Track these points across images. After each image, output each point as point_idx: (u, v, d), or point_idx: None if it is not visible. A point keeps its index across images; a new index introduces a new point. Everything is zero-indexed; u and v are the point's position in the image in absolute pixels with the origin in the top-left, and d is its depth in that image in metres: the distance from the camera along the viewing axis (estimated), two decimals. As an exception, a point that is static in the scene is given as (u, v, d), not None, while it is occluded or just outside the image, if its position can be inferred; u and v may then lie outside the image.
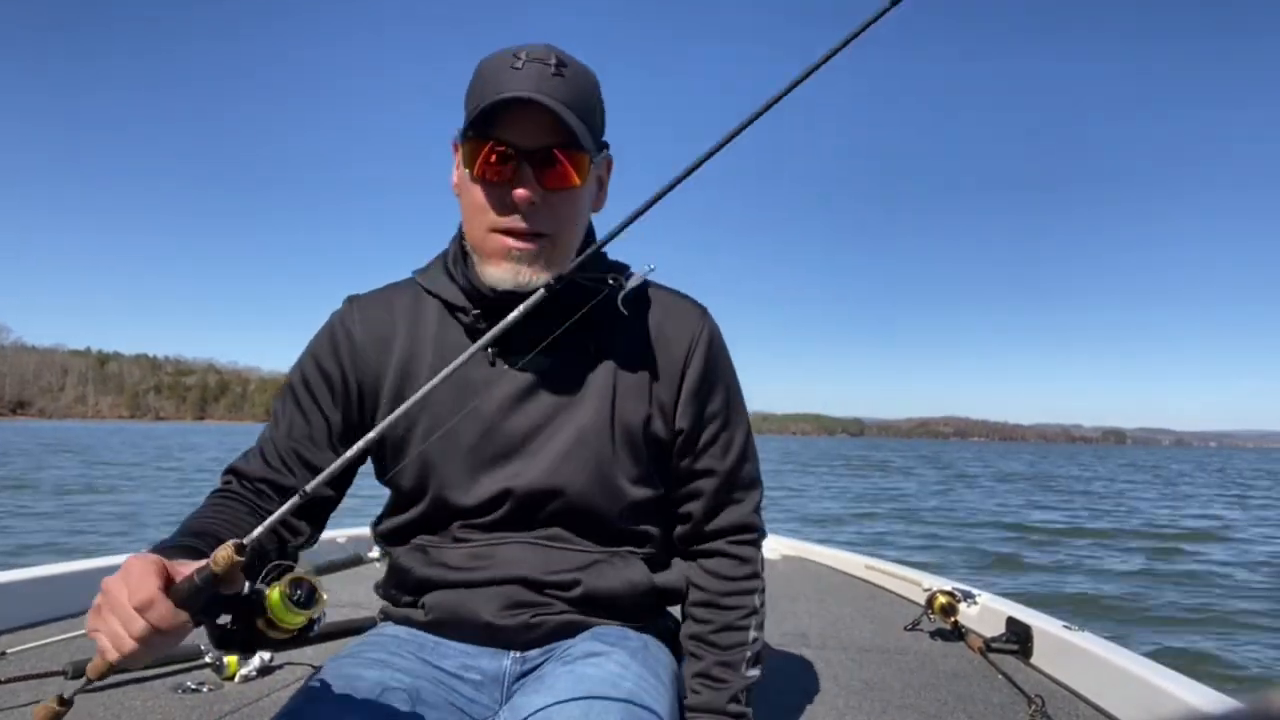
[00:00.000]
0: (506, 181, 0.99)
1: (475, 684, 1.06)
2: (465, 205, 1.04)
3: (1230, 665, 5.27)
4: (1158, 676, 1.61)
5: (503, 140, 0.97)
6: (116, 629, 0.73)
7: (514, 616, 1.06)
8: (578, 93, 0.99)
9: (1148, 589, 7.69)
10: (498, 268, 1.02)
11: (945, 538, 11.17)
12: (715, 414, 1.14)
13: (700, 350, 1.12)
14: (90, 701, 1.62)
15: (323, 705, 0.91)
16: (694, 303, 1.17)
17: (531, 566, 1.07)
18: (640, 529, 1.14)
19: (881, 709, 1.69)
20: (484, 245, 1.02)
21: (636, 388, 1.09)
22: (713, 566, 1.16)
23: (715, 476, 1.14)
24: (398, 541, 1.14)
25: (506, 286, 1.02)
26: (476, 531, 1.09)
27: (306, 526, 1.08)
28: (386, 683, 0.96)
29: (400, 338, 1.10)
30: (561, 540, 1.09)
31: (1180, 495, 22.31)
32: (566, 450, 1.07)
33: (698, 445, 1.13)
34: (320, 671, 0.99)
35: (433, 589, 1.09)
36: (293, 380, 1.11)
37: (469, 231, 1.05)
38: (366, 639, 1.09)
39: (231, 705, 1.64)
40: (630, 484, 1.10)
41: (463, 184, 1.04)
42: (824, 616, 2.56)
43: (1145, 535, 12.11)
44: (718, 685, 1.11)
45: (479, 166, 0.99)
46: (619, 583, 1.09)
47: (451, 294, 1.09)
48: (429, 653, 1.06)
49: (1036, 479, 29.15)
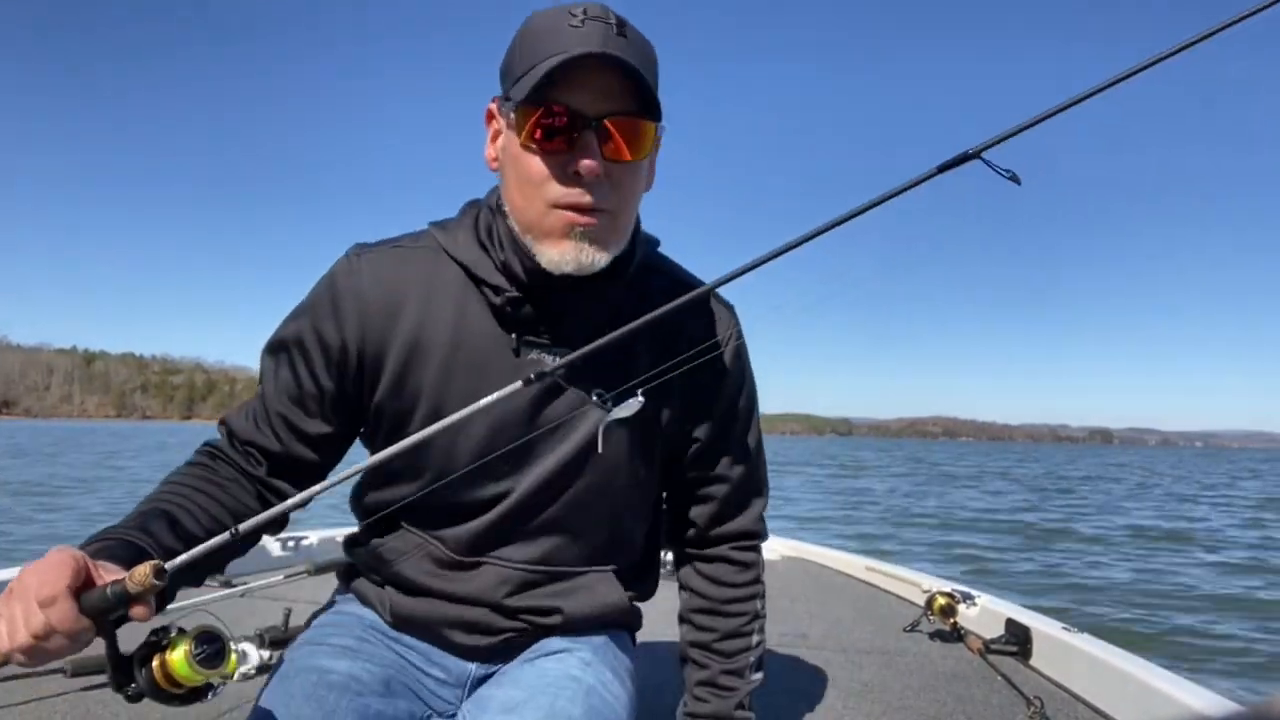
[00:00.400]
0: (567, 151, 0.88)
1: (439, 679, 1.05)
2: (514, 179, 0.92)
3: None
4: (1157, 678, 1.62)
5: (565, 104, 0.86)
6: (15, 618, 0.68)
7: (482, 639, 1.04)
8: (642, 54, 0.89)
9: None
10: (558, 247, 0.90)
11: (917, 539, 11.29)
12: (734, 421, 1.10)
13: (729, 357, 1.07)
14: (86, 700, 1.60)
15: (297, 702, 0.89)
16: (725, 304, 1.10)
17: (508, 592, 1.03)
18: (628, 538, 1.12)
19: (881, 710, 1.70)
20: (541, 223, 0.91)
21: (663, 392, 0.98)
22: (715, 572, 1.14)
23: (727, 483, 1.11)
24: (377, 522, 1.05)
25: (569, 268, 0.91)
26: (466, 531, 1.02)
27: (292, 490, 0.99)
28: (357, 674, 0.94)
29: (412, 303, 0.97)
30: (546, 559, 1.04)
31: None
32: (576, 456, 1.00)
33: (714, 451, 1.10)
34: (289, 662, 0.96)
35: (401, 587, 1.05)
36: (286, 336, 1.00)
37: (520, 208, 0.93)
38: (331, 619, 1.06)
39: (230, 703, 1.64)
40: (631, 489, 1.07)
41: (510, 155, 0.92)
42: (823, 617, 2.56)
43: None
44: (724, 693, 1.11)
45: (539, 134, 0.87)
46: (594, 607, 1.07)
47: (483, 266, 0.97)
48: (394, 640, 1.05)
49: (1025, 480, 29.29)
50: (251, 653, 1.78)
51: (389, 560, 1.04)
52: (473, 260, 0.97)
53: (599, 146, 0.87)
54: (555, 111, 0.86)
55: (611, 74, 0.86)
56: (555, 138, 0.87)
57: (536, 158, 0.89)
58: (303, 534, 3.17)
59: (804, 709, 1.70)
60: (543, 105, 0.86)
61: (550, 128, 0.87)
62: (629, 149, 0.89)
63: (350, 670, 0.94)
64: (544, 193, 0.89)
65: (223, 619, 2.26)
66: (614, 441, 1.00)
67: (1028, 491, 22.05)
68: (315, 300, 0.99)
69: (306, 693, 0.90)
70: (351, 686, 0.92)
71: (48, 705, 1.57)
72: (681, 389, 1.01)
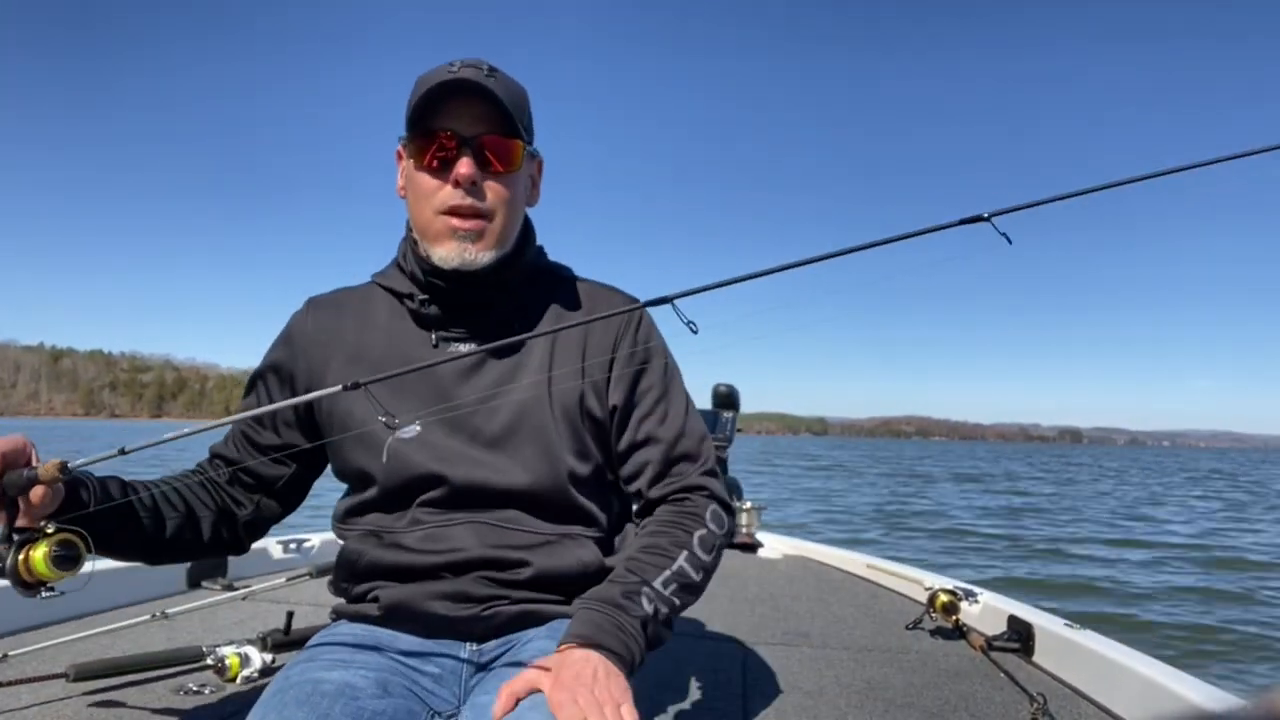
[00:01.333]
0: (449, 165, 1.08)
1: (435, 677, 1.05)
2: (413, 198, 1.13)
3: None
4: (1160, 675, 1.64)
5: (446, 128, 1.08)
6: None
7: (467, 609, 1.07)
8: (509, 91, 1.09)
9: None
10: (444, 247, 1.09)
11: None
12: (650, 387, 1.18)
13: (629, 330, 1.18)
14: (91, 703, 1.58)
15: (290, 708, 0.90)
16: (624, 293, 1.24)
17: (483, 546, 1.08)
18: (587, 509, 1.15)
19: (884, 708, 1.71)
20: (430, 228, 1.10)
21: (571, 365, 1.15)
22: (653, 515, 1.15)
23: (659, 445, 1.16)
24: (353, 529, 1.16)
25: (454, 264, 1.09)
26: (428, 512, 1.11)
27: (248, 500, 1.20)
28: (352, 681, 0.96)
29: (350, 328, 1.18)
30: (512, 521, 1.10)
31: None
32: (510, 425, 1.11)
33: (635, 418, 1.17)
34: (284, 677, 0.98)
35: (385, 575, 1.11)
36: (256, 371, 1.24)
37: (417, 221, 1.13)
38: (322, 641, 1.09)
39: (234, 707, 1.62)
40: (572, 458, 1.12)
41: (410, 180, 1.13)
42: (825, 616, 2.58)
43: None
44: (614, 580, 1.04)
45: (426, 155, 1.09)
46: (571, 562, 1.10)
47: (400, 283, 1.17)
48: (386, 645, 1.07)
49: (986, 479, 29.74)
50: (254, 656, 1.76)
51: (370, 554, 1.12)
52: (393, 282, 1.18)
53: (474, 160, 1.07)
54: (437, 133, 1.08)
55: (480, 103, 1.06)
56: (438, 155, 1.08)
57: (425, 175, 1.10)
58: (305, 536, 3.15)
59: (807, 706, 1.71)
60: (428, 130, 1.08)
61: (432, 148, 1.08)
62: (500, 162, 1.10)
63: (344, 679, 0.95)
64: (432, 202, 1.09)
65: (224, 622, 2.24)
66: (540, 412, 1.12)
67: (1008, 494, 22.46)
68: (275, 342, 1.23)
69: (300, 700, 0.91)
70: (346, 692, 0.93)
71: (52, 709, 1.55)
72: (589, 362, 1.16)
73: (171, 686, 1.70)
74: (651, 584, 1.03)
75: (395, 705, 0.96)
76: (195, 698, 1.65)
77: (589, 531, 1.15)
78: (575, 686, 0.86)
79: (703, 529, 1.11)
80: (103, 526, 0.98)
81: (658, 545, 1.08)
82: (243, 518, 1.20)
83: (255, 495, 1.21)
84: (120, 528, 1.05)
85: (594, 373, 1.15)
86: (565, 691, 0.85)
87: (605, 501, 1.19)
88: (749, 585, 3.05)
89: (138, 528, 1.07)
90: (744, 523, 3.95)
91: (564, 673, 0.88)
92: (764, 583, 3.11)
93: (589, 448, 1.16)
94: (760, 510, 4.06)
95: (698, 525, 1.12)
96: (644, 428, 1.16)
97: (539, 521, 1.11)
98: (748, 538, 3.89)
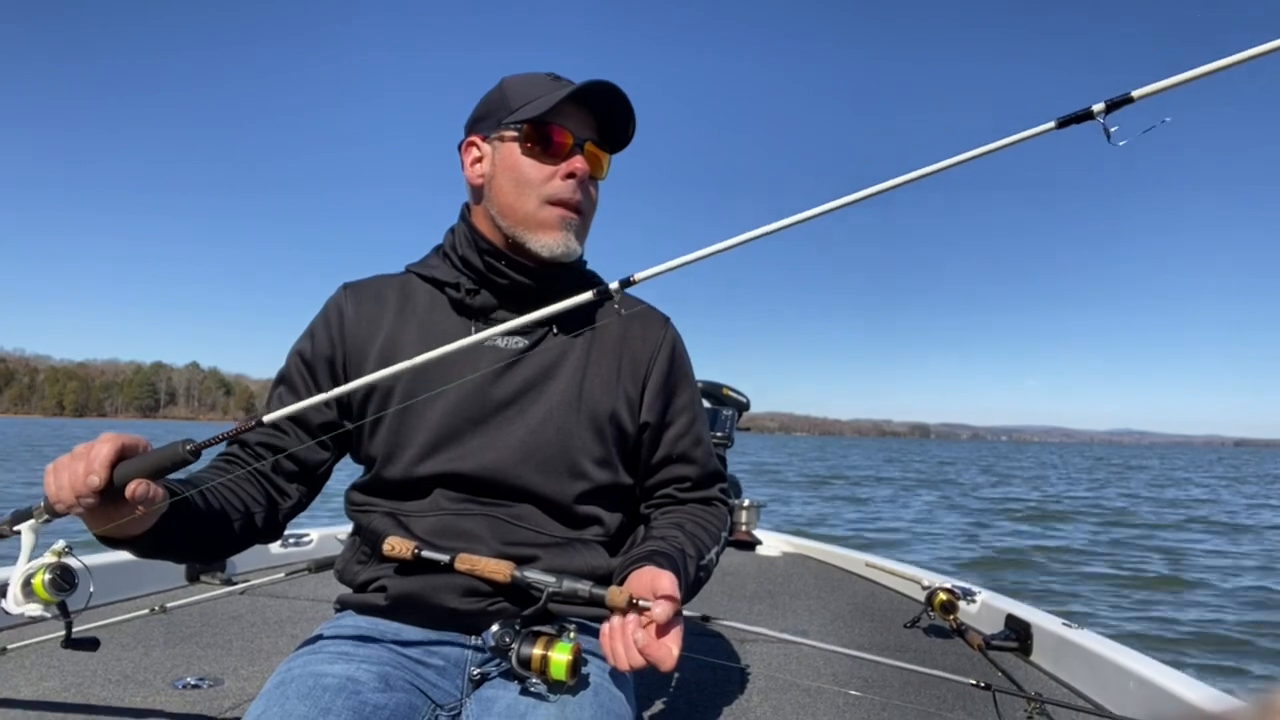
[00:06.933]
0: (561, 159, 1.11)
1: (438, 669, 1.06)
2: (509, 182, 1.12)
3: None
4: (1156, 674, 1.64)
5: (564, 126, 1.11)
6: (64, 461, 0.84)
7: (474, 602, 1.07)
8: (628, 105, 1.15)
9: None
10: (551, 235, 1.11)
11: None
12: (684, 408, 1.23)
13: (665, 352, 1.21)
14: (90, 699, 1.59)
15: (292, 702, 0.90)
16: (659, 312, 1.27)
17: (496, 540, 1.08)
18: (599, 515, 1.16)
19: (882, 706, 1.71)
20: (535, 216, 1.11)
21: (604, 378, 1.16)
22: (684, 506, 1.21)
23: (693, 464, 1.21)
24: (373, 510, 1.15)
25: (555, 253, 1.12)
26: (447, 498, 1.11)
27: (292, 489, 1.16)
28: (354, 674, 0.96)
29: (388, 317, 1.18)
30: (527, 519, 1.11)
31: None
32: (537, 424, 1.12)
33: (670, 435, 1.21)
34: (285, 670, 0.98)
35: (396, 569, 1.10)
36: (291, 355, 1.20)
37: (514, 205, 1.12)
38: (326, 632, 1.09)
39: (232, 700, 1.62)
40: (592, 465, 1.14)
41: (507, 163, 1.13)
42: (824, 613, 2.58)
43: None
44: (655, 540, 1.09)
45: (544, 143, 1.11)
46: (580, 565, 1.10)
47: (445, 272, 1.17)
48: (390, 638, 1.07)
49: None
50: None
51: (379, 545, 1.10)
52: (436, 270, 1.18)
53: (586, 160, 1.12)
54: (556, 129, 1.11)
55: (590, 111, 1.12)
56: (553, 148, 1.11)
57: (534, 163, 1.11)
58: (303, 531, 3.16)
59: (805, 704, 1.71)
60: (549, 123, 1.11)
61: (552, 139, 1.11)
62: (602, 169, 1.17)
63: (346, 672, 0.96)
64: (541, 191, 1.10)
65: (223, 616, 2.25)
66: (567, 415, 1.13)
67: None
68: (314, 324, 1.21)
69: (302, 693, 0.91)
70: (348, 686, 0.93)
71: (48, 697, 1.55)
72: (623, 378, 1.18)
73: (169, 680, 1.71)
74: (694, 558, 1.09)
75: (397, 699, 0.97)
76: (193, 693, 1.66)
77: (599, 537, 1.16)
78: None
79: (725, 533, 1.21)
80: (170, 535, 0.94)
81: (698, 535, 1.14)
82: (284, 508, 1.16)
83: (294, 484, 1.17)
84: (188, 531, 0.98)
85: (627, 386, 1.18)
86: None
87: (617, 509, 1.20)
88: (747, 582, 3.06)
89: (205, 531, 1.01)
90: (743, 520, 3.95)
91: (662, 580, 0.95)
92: (763, 579, 3.11)
93: (611, 457, 1.17)
94: (760, 508, 4.06)
95: (722, 529, 1.21)
96: (680, 445, 1.21)
97: (552, 522, 1.12)
98: (746, 535, 3.89)
